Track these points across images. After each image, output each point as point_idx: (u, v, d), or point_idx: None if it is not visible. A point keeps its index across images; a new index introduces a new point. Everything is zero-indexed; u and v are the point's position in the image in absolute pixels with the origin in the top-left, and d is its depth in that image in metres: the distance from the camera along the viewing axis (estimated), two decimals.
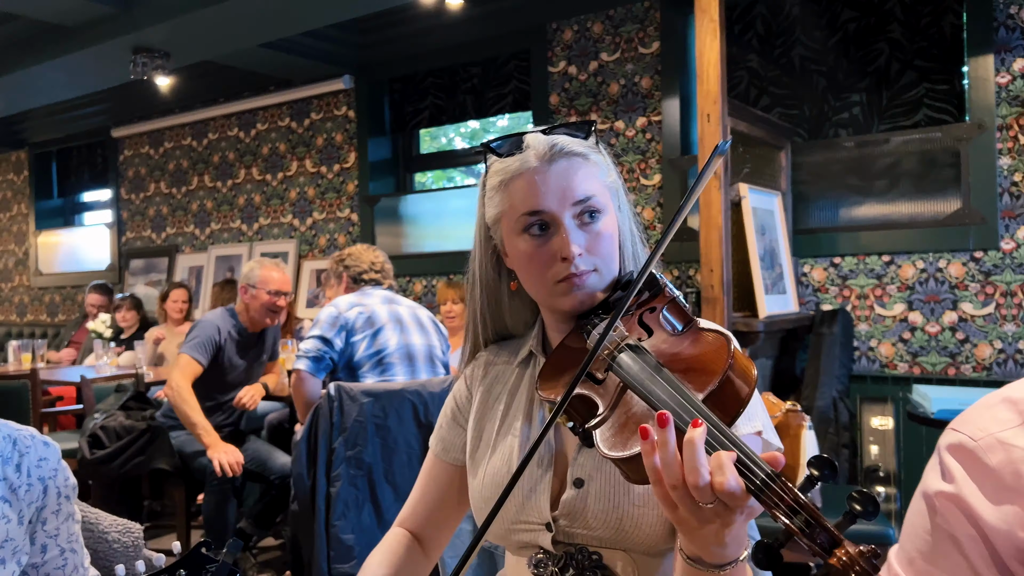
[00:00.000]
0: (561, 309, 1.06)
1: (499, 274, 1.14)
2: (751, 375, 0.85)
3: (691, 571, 0.83)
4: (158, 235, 6.68)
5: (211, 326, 3.41)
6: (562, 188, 1.03)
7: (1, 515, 1.12)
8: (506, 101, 4.90)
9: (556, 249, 1.03)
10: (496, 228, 1.10)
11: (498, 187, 1.07)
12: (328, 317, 3.00)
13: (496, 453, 1.09)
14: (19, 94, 5.48)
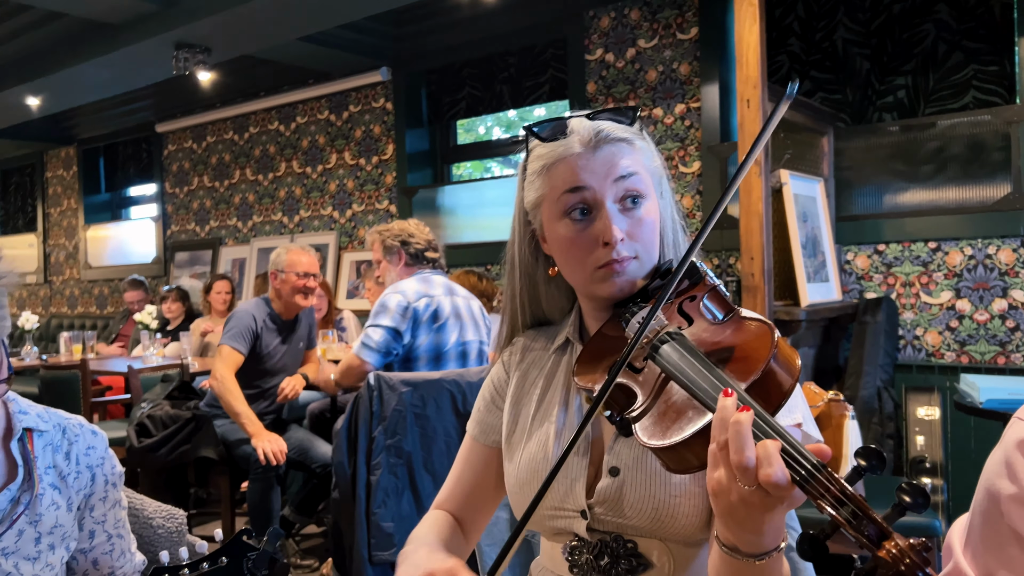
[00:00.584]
0: (600, 296, 1.05)
1: (537, 260, 1.14)
2: (794, 366, 0.83)
3: (727, 560, 0.82)
4: (202, 228, 6.80)
5: (247, 315, 3.46)
6: (606, 173, 1.02)
7: (51, 502, 1.15)
8: (543, 90, 4.88)
9: (597, 233, 1.02)
10: (536, 213, 1.09)
11: (540, 171, 1.06)
12: (398, 307, 2.89)
13: (532, 439, 1.09)
14: (67, 91, 5.61)
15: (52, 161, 8.16)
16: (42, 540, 1.13)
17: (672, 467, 0.83)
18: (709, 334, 0.92)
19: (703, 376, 0.82)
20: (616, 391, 0.91)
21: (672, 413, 0.84)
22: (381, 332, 2.89)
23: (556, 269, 1.12)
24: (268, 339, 3.52)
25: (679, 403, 0.84)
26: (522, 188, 1.11)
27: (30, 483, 1.14)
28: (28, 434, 1.16)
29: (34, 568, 1.12)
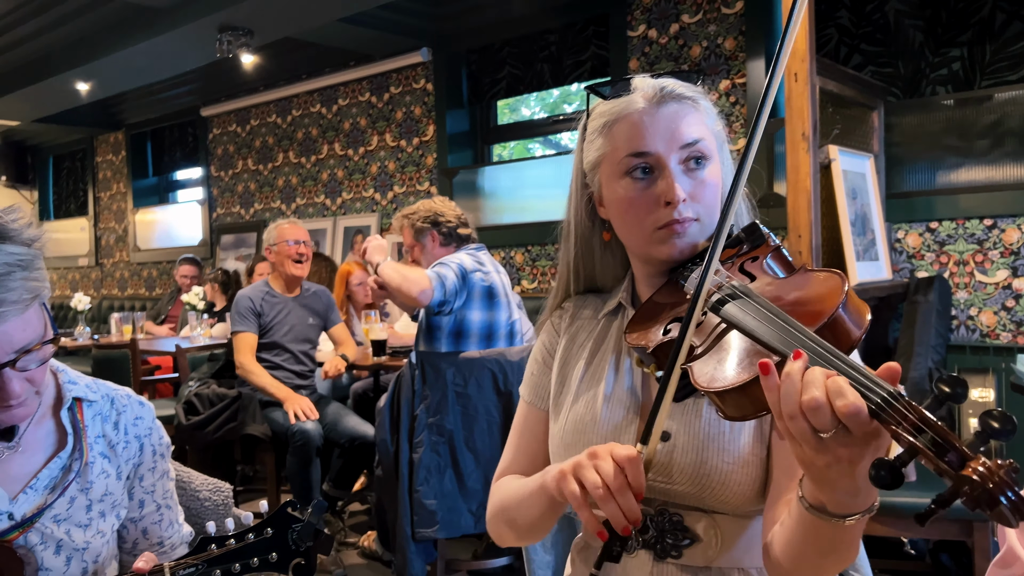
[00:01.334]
0: (658, 258, 1.03)
1: (593, 224, 1.12)
2: (864, 316, 0.81)
3: (813, 522, 0.79)
4: (246, 211, 6.89)
5: (242, 298, 3.59)
6: (670, 131, 1.00)
7: (101, 470, 1.17)
8: (584, 68, 4.82)
9: (660, 193, 1.00)
10: (594, 174, 1.08)
11: (601, 129, 1.05)
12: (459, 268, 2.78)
13: (579, 401, 1.08)
14: (115, 76, 5.71)
15: (102, 146, 8.33)
16: (93, 507, 1.15)
17: (728, 413, 0.81)
18: (774, 287, 0.90)
19: (768, 321, 0.80)
20: (670, 349, 0.90)
21: (732, 360, 0.83)
22: (453, 278, 2.76)
23: (611, 234, 1.10)
24: (270, 314, 3.59)
25: (740, 350, 0.83)
26: (581, 150, 1.10)
27: (80, 451, 1.16)
28: (78, 404, 1.18)
29: (86, 535, 1.14)
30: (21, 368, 1.01)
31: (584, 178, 1.10)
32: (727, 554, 0.99)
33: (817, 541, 0.82)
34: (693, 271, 1.00)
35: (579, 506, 0.88)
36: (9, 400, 1.02)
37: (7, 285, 0.97)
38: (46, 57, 5.56)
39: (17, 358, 1.00)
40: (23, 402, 1.05)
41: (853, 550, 0.85)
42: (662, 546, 1.01)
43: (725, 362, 0.83)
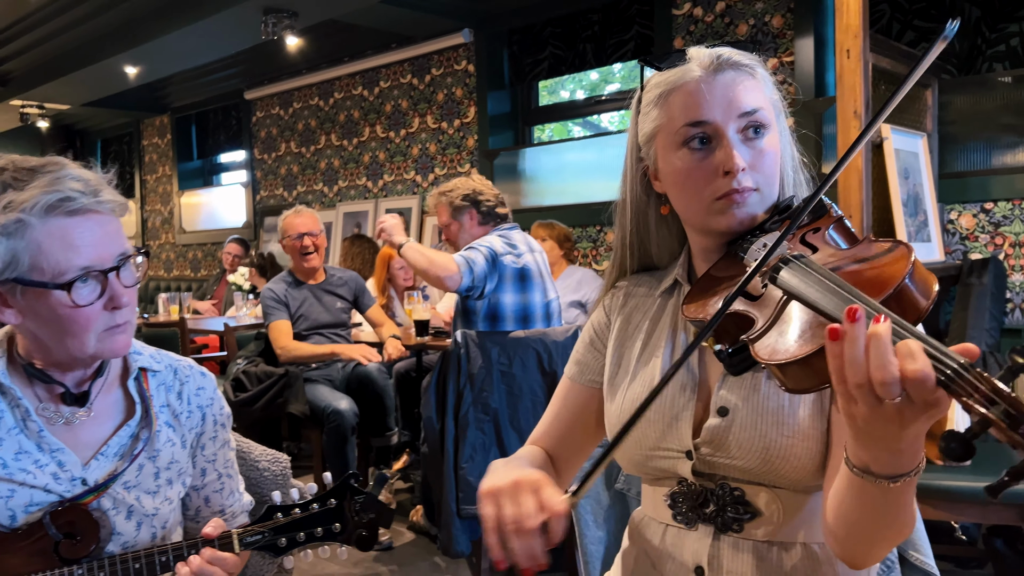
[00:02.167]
0: (717, 229, 1.02)
1: (648, 198, 1.11)
2: (931, 287, 0.79)
3: (858, 484, 0.78)
4: (289, 193, 6.97)
5: (266, 291, 3.61)
6: (728, 99, 0.99)
7: (167, 439, 1.20)
8: (627, 48, 4.77)
9: (718, 163, 0.98)
10: (649, 147, 1.06)
11: (656, 100, 1.03)
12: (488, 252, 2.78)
13: (636, 380, 1.08)
14: (160, 61, 5.80)
15: (147, 130, 8.47)
16: (160, 475, 1.18)
17: (790, 386, 0.80)
18: (836, 258, 0.88)
19: (830, 292, 0.79)
20: (729, 321, 0.89)
21: (794, 332, 0.82)
22: (482, 263, 2.75)
23: (668, 207, 1.09)
24: (295, 303, 3.62)
25: (802, 322, 0.82)
26: (635, 123, 1.09)
27: (147, 420, 1.19)
28: (143, 374, 1.21)
29: (154, 501, 1.17)
30: (124, 281, 1.08)
31: (639, 152, 1.09)
32: (788, 528, 0.99)
33: (866, 506, 0.81)
34: (752, 243, 0.98)
35: (488, 530, 0.87)
36: (117, 313, 1.08)
37: (100, 189, 1.07)
38: (96, 41, 5.66)
39: (119, 265, 1.07)
40: (127, 326, 1.11)
41: (906, 519, 0.83)
42: (722, 520, 1.01)
43: (787, 334, 0.82)
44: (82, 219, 1.04)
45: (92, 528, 1.09)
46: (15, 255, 1.01)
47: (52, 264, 1.02)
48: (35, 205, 1.00)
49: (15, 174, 1.04)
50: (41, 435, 1.11)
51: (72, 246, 1.03)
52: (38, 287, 1.03)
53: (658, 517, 1.07)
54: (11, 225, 1.00)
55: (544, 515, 0.85)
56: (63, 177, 1.04)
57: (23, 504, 1.08)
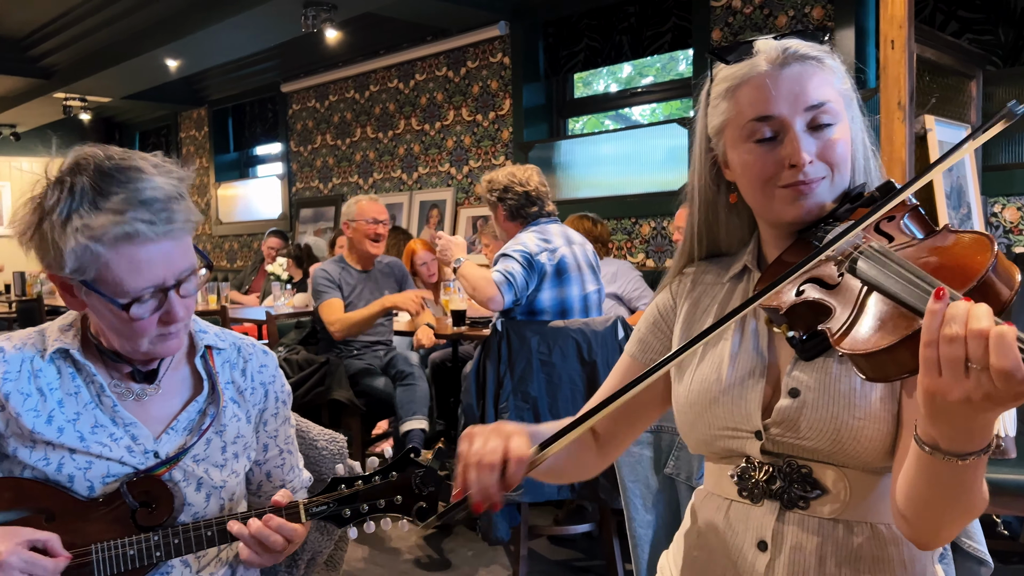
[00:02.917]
0: (785, 219, 1.03)
1: (718, 187, 1.13)
2: (1015, 277, 0.79)
3: (927, 461, 0.79)
4: (325, 185, 7.04)
5: (319, 271, 3.64)
6: (795, 93, 1.00)
7: (233, 414, 1.24)
8: (664, 40, 4.76)
9: (785, 156, 1.00)
10: (719, 138, 1.08)
11: (724, 94, 1.05)
12: (522, 257, 2.81)
13: (705, 362, 1.10)
14: (201, 54, 5.89)
15: (185, 122, 8.60)
16: (227, 449, 1.22)
17: (871, 375, 0.81)
18: (915, 248, 0.89)
19: (910, 283, 0.80)
20: (803, 310, 0.90)
21: (876, 322, 0.82)
22: (520, 273, 2.79)
23: (737, 196, 1.11)
24: (348, 287, 3.66)
25: (883, 312, 0.82)
26: (705, 115, 1.10)
27: (214, 396, 1.23)
28: (208, 351, 1.25)
29: (222, 474, 1.21)
30: (183, 293, 1.10)
31: (708, 142, 1.11)
32: (855, 507, 1.00)
33: (935, 485, 0.82)
34: (828, 231, 0.99)
35: (459, 462, 0.95)
36: (169, 326, 1.10)
37: (172, 208, 1.06)
38: (138, 35, 5.76)
39: (181, 281, 1.08)
40: (179, 331, 1.12)
41: (975, 499, 0.84)
42: (789, 496, 1.02)
43: (868, 325, 0.83)
44: (151, 246, 1.05)
45: (166, 498, 1.13)
46: (83, 265, 1.05)
47: (115, 282, 1.05)
48: (103, 235, 1.02)
49: (95, 180, 1.05)
50: (115, 410, 1.15)
51: (137, 270, 1.05)
52: (99, 295, 1.06)
53: (722, 493, 1.09)
54: (79, 248, 1.03)
55: (504, 455, 0.92)
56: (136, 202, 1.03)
57: (100, 475, 1.13)
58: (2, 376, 1.12)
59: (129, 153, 1.09)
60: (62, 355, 1.16)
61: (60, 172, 1.06)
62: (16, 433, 1.12)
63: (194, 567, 1.19)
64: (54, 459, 1.11)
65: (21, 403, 1.11)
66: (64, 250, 1.03)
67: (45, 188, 1.06)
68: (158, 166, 1.09)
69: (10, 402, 1.11)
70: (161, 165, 1.09)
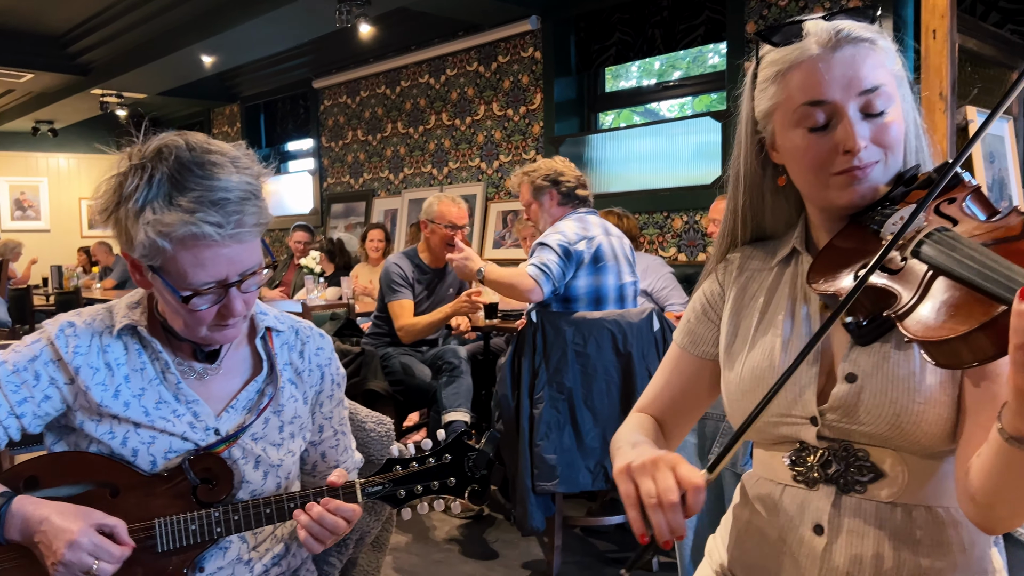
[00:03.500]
0: (837, 204, 1.02)
1: (764, 170, 1.11)
2: None
3: (1008, 453, 0.79)
4: (356, 180, 7.09)
5: (393, 266, 3.66)
6: (848, 77, 0.98)
7: (290, 395, 1.27)
8: (697, 33, 4.74)
9: (838, 141, 0.98)
10: (767, 122, 1.06)
11: (773, 78, 1.03)
12: (559, 246, 2.82)
13: (756, 348, 1.09)
14: (235, 50, 5.96)
15: (217, 118, 8.70)
16: (284, 428, 1.25)
17: (941, 362, 0.80)
18: (981, 230, 0.87)
19: (987, 269, 0.78)
20: (863, 296, 0.89)
21: (947, 308, 0.81)
22: (556, 263, 2.79)
23: (785, 178, 1.10)
24: (420, 287, 3.70)
25: (954, 298, 0.81)
26: (751, 98, 1.08)
27: (273, 377, 1.25)
28: (268, 333, 1.28)
29: (279, 453, 1.23)
30: (244, 289, 1.11)
31: (755, 126, 1.09)
32: (913, 491, 0.99)
33: (1015, 475, 0.81)
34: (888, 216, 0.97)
35: (629, 506, 0.91)
36: (228, 319, 1.11)
37: (245, 210, 1.07)
38: (174, 31, 5.84)
39: (243, 279, 1.10)
40: (237, 323, 1.14)
41: None
42: (845, 481, 1.01)
43: (939, 311, 0.82)
44: (217, 248, 1.07)
45: (227, 475, 1.16)
46: (151, 252, 1.07)
47: (179, 273, 1.07)
48: (172, 232, 1.04)
49: (173, 171, 1.06)
50: (178, 387, 1.18)
51: (201, 266, 1.07)
52: (164, 282, 1.09)
53: (775, 478, 1.08)
54: (148, 240, 1.05)
55: (682, 490, 0.88)
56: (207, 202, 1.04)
57: (163, 450, 1.16)
58: (73, 350, 1.15)
59: (211, 144, 1.10)
60: (129, 332, 1.19)
61: (143, 157, 1.07)
62: (84, 406, 1.15)
63: (251, 543, 1.22)
64: (119, 433, 1.14)
65: (90, 377, 1.14)
66: (135, 238, 1.06)
67: (127, 170, 1.07)
68: (236, 160, 1.09)
69: (80, 376, 1.14)
70: (239, 160, 1.10)
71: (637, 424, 1.18)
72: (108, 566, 1.05)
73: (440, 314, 3.54)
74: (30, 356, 1.15)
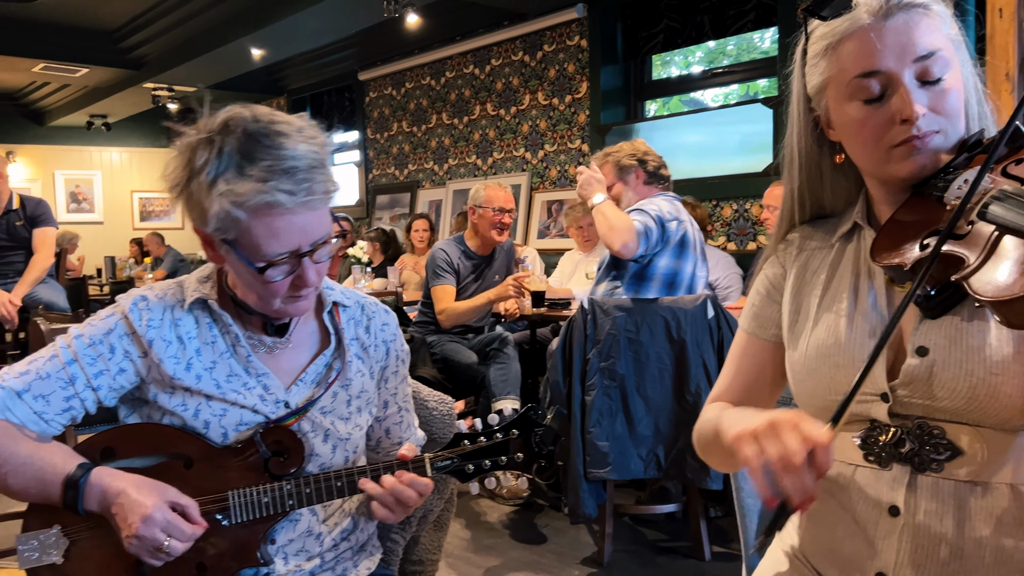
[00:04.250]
0: (898, 176, 1.00)
1: (821, 148, 1.09)
2: None
3: None
4: (401, 172, 7.13)
5: (440, 252, 3.67)
6: (901, 44, 0.95)
7: (357, 369, 1.27)
8: (747, 19, 4.66)
9: (895, 111, 0.96)
10: (820, 97, 1.04)
11: (823, 52, 1.01)
12: (657, 218, 2.77)
13: (819, 325, 1.07)
14: (283, 42, 6.03)
15: None
16: (352, 403, 1.25)
17: (1013, 321, 0.78)
18: None
19: None
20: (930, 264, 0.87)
21: (1015, 265, 0.79)
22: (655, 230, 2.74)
23: (843, 156, 1.07)
24: (464, 274, 3.71)
25: (1020, 257, 0.79)
26: (802, 75, 1.07)
27: (340, 351, 1.26)
28: (335, 308, 1.28)
29: (346, 427, 1.24)
30: (316, 259, 1.11)
31: (808, 103, 1.07)
32: (993, 468, 0.96)
33: None
34: (951, 182, 0.95)
35: (753, 471, 0.87)
36: (301, 290, 1.12)
37: (314, 178, 1.07)
38: (225, 24, 5.93)
39: (315, 249, 1.10)
40: (309, 294, 1.15)
41: None
42: (920, 459, 0.98)
43: (1008, 269, 0.80)
44: (289, 216, 1.07)
45: (297, 448, 1.17)
46: (224, 226, 1.07)
47: (253, 245, 1.08)
48: (246, 202, 1.04)
49: (242, 143, 1.06)
50: (249, 360, 1.19)
51: (275, 236, 1.07)
52: (237, 255, 1.09)
53: (847, 459, 1.06)
54: (222, 212, 1.06)
55: (808, 446, 0.85)
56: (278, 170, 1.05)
57: (234, 423, 1.17)
58: (147, 323, 1.16)
59: (275, 115, 1.10)
60: (200, 305, 1.20)
61: (210, 131, 1.08)
62: (157, 379, 1.17)
63: (321, 516, 1.23)
64: (191, 405, 1.16)
65: (163, 350, 1.16)
66: (208, 211, 1.06)
67: (196, 144, 1.08)
68: (302, 130, 1.10)
69: (153, 348, 1.15)
70: (305, 129, 1.10)
71: (719, 409, 1.17)
72: (179, 544, 1.07)
73: (483, 299, 3.55)
74: (105, 330, 1.17)
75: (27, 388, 1.12)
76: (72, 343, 1.15)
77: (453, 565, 2.83)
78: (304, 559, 1.21)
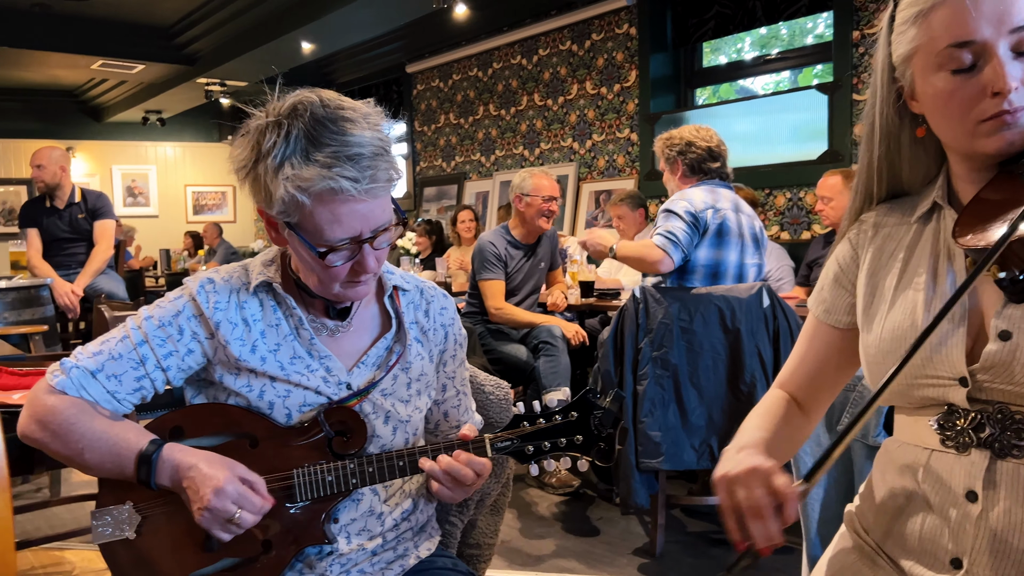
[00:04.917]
0: (984, 152, 0.96)
1: (902, 120, 1.06)
2: None
3: None
4: (448, 164, 7.16)
5: (487, 244, 3.69)
6: (998, 13, 0.91)
7: (417, 353, 1.28)
8: (802, 2, 4.57)
9: (986, 83, 0.92)
10: (906, 67, 1.01)
11: (913, 19, 0.98)
12: (685, 212, 2.78)
13: (896, 307, 1.04)
14: (333, 36, 6.08)
15: None
16: (412, 385, 1.26)
17: None
18: None
19: None
20: (1019, 247, 0.84)
21: None
22: (683, 230, 2.76)
23: (925, 128, 1.04)
24: (511, 263, 3.72)
25: None
26: (887, 43, 1.03)
27: (401, 334, 1.27)
28: (395, 292, 1.29)
29: (407, 409, 1.25)
30: (376, 246, 1.12)
31: (892, 72, 1.04)
32: None
33: None
34: None
35: (726, 514, 0.94)
36: (361, 275, 1.13)
37: (378, 165, 1.08)
38: (276, 18, 6.01)
39: (375, 235, 1.11)
40: (369, 279, 1.16)
41: None
42: (1001, 444, 0.95)
43: None
44: (353, 203, 1.08)
45: (360, 428, 1.18)
46: (288, 210, 1.09)
47: (315, 230, 1.09)
48: (310, 187, 1.06)
49: (309, 127, 1.07)
50: (312, 342, 1.21)
51: (337, 222, 1.08)
52: (300, 238, 1.11)
53: (920, 443, 1.03)
54: (287, 196, 1.07)
55: (776, 501, 0.92)
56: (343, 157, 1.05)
57: (298, 403, 1.19)
58: (213, 305, 1.18)
59: (343, 100, 1.11)
60: (265, 288, 1.22)
61: (279, 114, 1.09)
62: (223, 361, 1.19)
63: (382, 496, 1.24)
64: (256, 386, 1.18)
65: (230, 332, 1.18)
66: (274, 194, 1.08)
67: (264, 127, 1.10)
68: (368, 117, 1.11)
69: (220, 330, 1.17)
70: (370, 116, 1.11)
71: (765, 410, 1.16)
72: (249, 516, 1.09)
73: (538, 319, 3.65)
74: (174, 311, 1.19)
75: (100, 368, 1.15)
76: (142, 324, 1.18)
77: (504, 554, 2.84)
78: (366, 538, 1.22)
